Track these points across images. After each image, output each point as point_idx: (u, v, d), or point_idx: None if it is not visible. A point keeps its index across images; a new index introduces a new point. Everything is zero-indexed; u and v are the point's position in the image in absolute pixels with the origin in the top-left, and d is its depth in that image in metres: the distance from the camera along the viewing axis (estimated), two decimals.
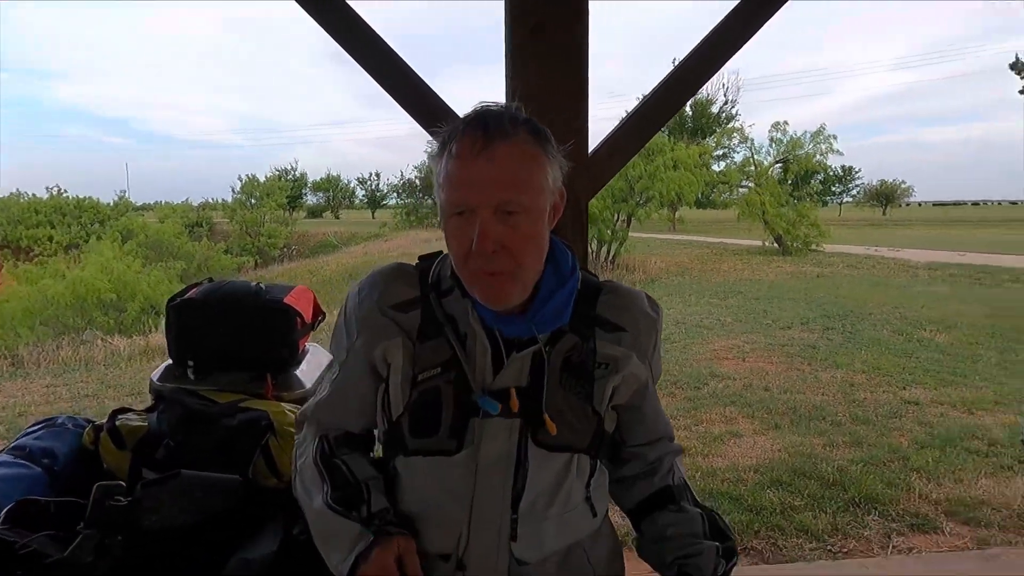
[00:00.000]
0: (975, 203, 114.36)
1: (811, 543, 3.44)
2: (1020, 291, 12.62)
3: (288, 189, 36.81)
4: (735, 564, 1.10)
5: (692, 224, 30.84)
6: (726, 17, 1.77)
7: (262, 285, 1.99)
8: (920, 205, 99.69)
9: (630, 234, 18.95)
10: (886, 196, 70.44)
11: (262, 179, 31.49)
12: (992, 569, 3.16)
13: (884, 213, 67.43)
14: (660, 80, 1.89)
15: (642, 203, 18.32)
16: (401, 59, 1.77)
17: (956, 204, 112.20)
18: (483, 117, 0.95)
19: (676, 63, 1.99)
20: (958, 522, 3.65)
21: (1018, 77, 13.80)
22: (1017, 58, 13.88)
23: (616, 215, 17.74)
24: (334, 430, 1.12)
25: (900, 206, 75.71)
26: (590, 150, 1.82)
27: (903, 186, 73.32)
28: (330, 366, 1.17)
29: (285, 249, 29.33)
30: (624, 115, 1.99)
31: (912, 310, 10.33)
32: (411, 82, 1.77)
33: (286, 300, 1.93)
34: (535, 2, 1.74)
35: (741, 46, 1.78)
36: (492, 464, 1.01)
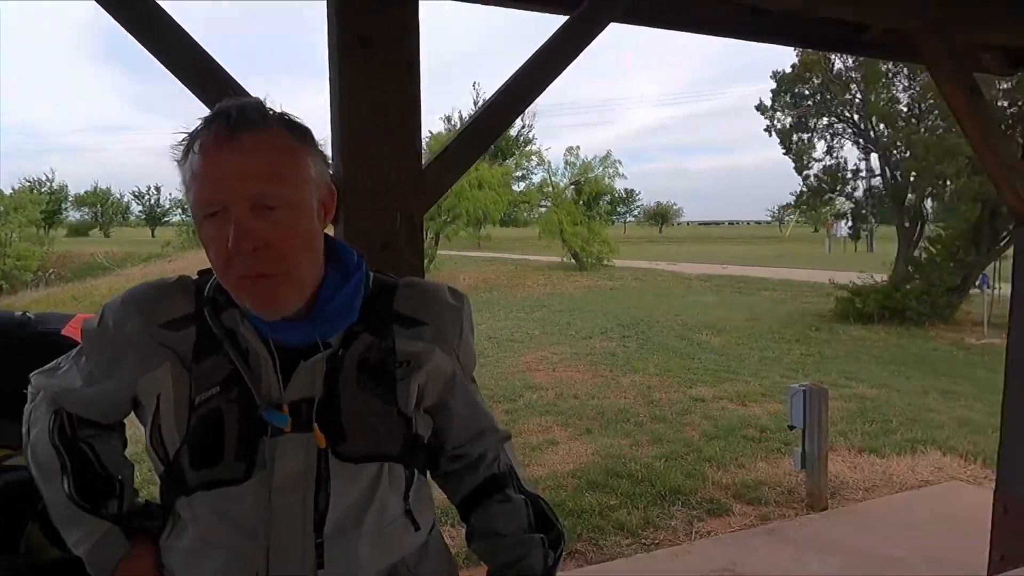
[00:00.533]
0: (730, 223, 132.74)
1: (627, 539, 3.68)
2: (770, 298, 14.82)
3: (43, 203, 32.15)
4: (563, 550, 1.09)
5: (497, 241, 31.99)
6: (552, 37, 1.83)
7: (30, 314, 1.65)
8: (688, 224, 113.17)
9: (439, 252, 19.17)
10: (661, 216, 79.63)
11: (7, 191, 27.01)
12: (773, 542, 3.63)
13: (660, 231, 75.77)
14: (488, 98, 1.91)
15: (450, 221, 18.65)
16: (185, 31, 1.53)
17: (716, 223, 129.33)
18: (227, 109, 0.86)
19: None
20: (744, 503, 4.14)
21: (762, 117, 16.37)
22: (761, 100, 16.45)
23: (425, 233, 17.85)
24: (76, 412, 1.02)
25: (673, 225, 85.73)
26: (423, 166, 1.78)
27: (674, 207, 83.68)
28: (81, 354, 1.01)
29: (40, 272, 25.43)
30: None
31: (690, 317, 11.63)
32: (192, 52, 1.53)
33: (64, 332, 1.62)
34: (361, 13, 1.66)
35: (566, 66, 1.86)
36: (287, 486, 0.91)
